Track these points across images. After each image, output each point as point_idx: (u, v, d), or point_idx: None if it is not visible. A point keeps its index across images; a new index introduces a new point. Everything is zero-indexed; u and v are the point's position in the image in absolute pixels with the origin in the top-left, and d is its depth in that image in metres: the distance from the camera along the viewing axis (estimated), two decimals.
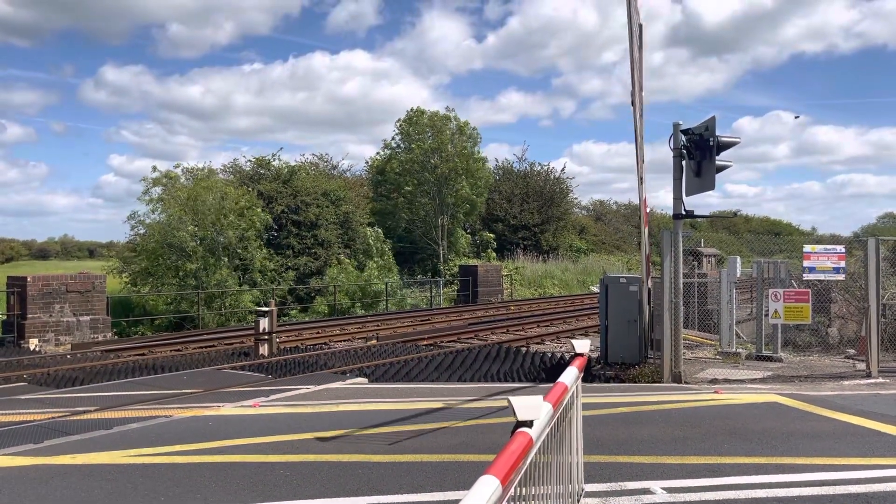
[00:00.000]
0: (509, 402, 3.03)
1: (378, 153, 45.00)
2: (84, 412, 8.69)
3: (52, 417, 8.43)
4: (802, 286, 12.49)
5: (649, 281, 12.57)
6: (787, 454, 6.50)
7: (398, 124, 41.15)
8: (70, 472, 6.08)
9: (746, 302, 20.89)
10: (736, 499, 5.24)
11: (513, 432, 2.91)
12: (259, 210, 29.49)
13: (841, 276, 12.17)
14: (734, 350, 13.23)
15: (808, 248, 11.91)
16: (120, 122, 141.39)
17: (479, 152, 41.24)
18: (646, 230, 12.17)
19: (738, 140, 10.79)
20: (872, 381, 10.92)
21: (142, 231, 28.91)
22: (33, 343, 16.80)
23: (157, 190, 28.88)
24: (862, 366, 11.72)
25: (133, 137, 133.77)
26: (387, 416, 8.32)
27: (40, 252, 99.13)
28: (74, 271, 19.83)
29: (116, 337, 19.96)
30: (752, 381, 10.97)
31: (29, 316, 17.05)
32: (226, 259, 27.29)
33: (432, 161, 39.08)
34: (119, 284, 29.14)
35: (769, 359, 12.66)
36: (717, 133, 10.45)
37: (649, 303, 12.67)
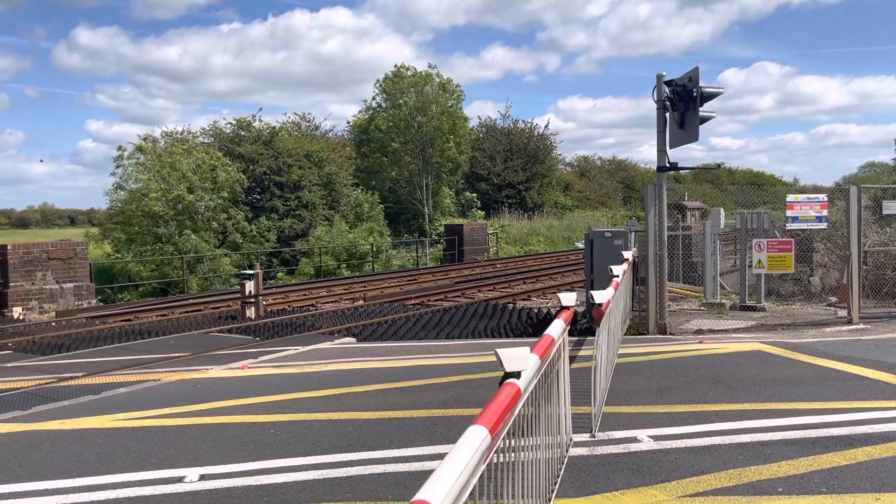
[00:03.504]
0: (496, 353, 3.03)
1: (361, 111, 44.45)
2: (71, 378, 8.66)
3: (40, 384, 8.40)
4: (785, 236, 12.58)
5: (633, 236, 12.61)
6: (771, 400, 6.61)
7: (379, 83, 40.54)
8: (60, 437, 6.08)
9: (730, 254, 21.07)
10: (721, 444, 5.34)
11: (500, 384, 2.92)
12: (224, 164, 28.92)
13: (823, 225, 12.27)
14: (718, 301, 13.38)
15: (791, 197, 11.96)
16: (96, 87, 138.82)
17: (461, 110, 40.84)
18: None
19: (721, 90, 10.72)
20: (853, 327, 11.09)
21: (122, 195, 28.64)
22: (17, 311, 16.67)
23: (132, 160, 28.50)
24: (843, 313, 11.89)
25: (110, 102, 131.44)
26: (375, 375, 8.36)
27: (20, 221, 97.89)
28: (56, 239, 19.60)
29: (101, 304, 19.85)
30: (736, 330, 11.11)
31: (11, 284, 16.88)
32: (193, 223, 26.94)
33: (417, 120, 38.65)
34: (101, 252, 28.90)
35: (753, 308, 12.82)
36: (701, 84, 10.37)
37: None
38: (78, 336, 13.01)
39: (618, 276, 7.71)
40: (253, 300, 14.80)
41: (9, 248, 17.15)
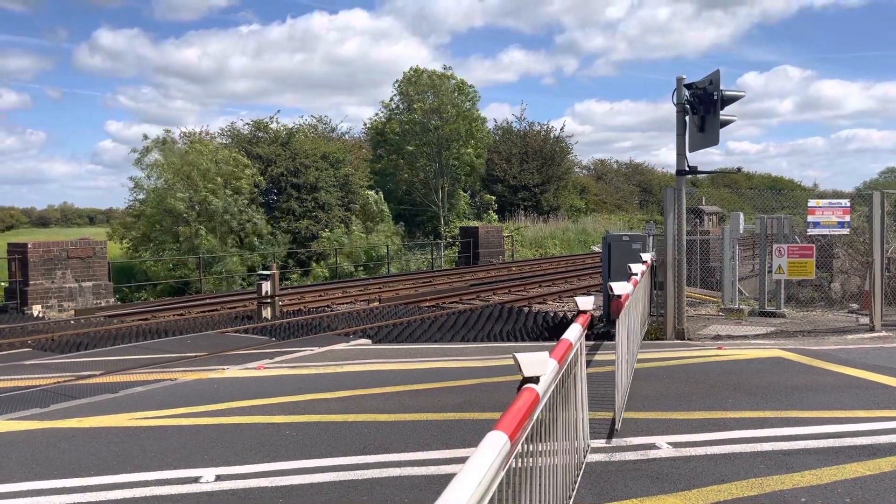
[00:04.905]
0: (515, 358, 2.99)
1: (377, 114, 44.57)
2: (89, 376, 8.72)
3: (58, 382, 8.46)
4: (805, 241, 12.42)
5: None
6: (792, 408, 6.51)
7: (396, 85, 40.62)
8: (77, 436, 6.11)
9: (748, 259, 20.86)
10: (741, 452, 5.26)
11: (519, 389, 2.88)
12: (247, 168, 29.11)
13: (846, 231, 12.09)
14: (737, 306, 13.23)
15: (812, 202, 11.80)
16: (116, 88, 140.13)
17: (477, 111, 40.80)
18: None
19: (742, 94, 10.60)
20: (876, 334, 10.92)
21: (141, 196, 28.90)
22: (36, 309, 16.84)
23: (153, 156, 28.78)
24: (865, 320, 11.72)
25: (130, 103, 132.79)
26: (391, 376, 8.34)
27: (40, 219, 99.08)
28: (75, 238, 19.79)
29: (119, 303, 20.01)
30: (756, 336, 10.98)
31: (31, 282, 17.05)
32: (211, 225, 27.15)
33: (433, 122, 38.67)
34: (120, 251, 29.18)
35: (772, 315, 12.67)
36: (722, 87, 10.27)
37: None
38: (96, 334, 13.11)
39: (637, 274, 7.64)
40: (269, 300, 14.84)
41: (29, 246, 17.33)
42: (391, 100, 41.50)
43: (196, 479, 4.92)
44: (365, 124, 49.84)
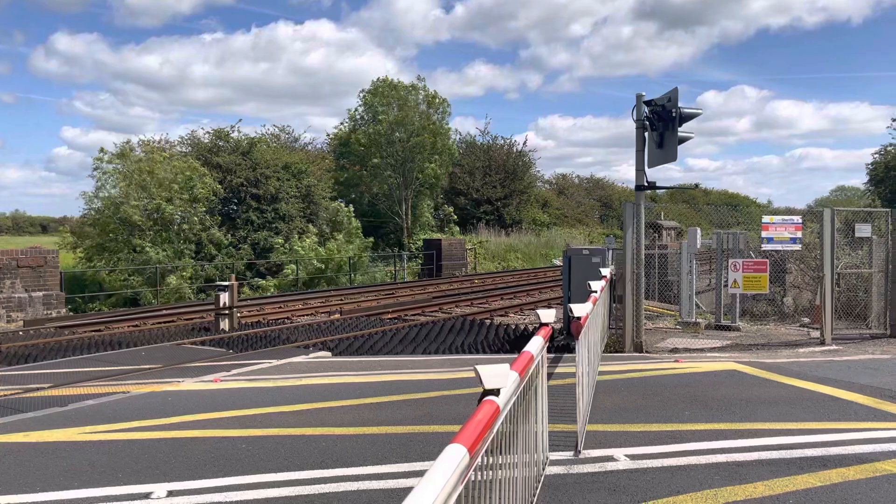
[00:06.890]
0: (476, 370, 2.98)
1: (342, 123, 44.38)
2: (38, 389, 8.44)
3: (5, 395, 8.17)
4: (760, 256, 12.71)
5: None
6: (746, 420, 6.63)
7: (362, 95, 40.48)
8: (24, 450, 5.90)
9: (705, 273, 21.26)
10: (697, 464, 5.32)
11: (479, 401, 2.87)
12: (205, 176, 28.68)
13: (798, 247, 12.41)
14: (694, 320, 13.45)
15: (766, 218, 12.10)
16: (73, 93, 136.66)
17: (447, 124, 40.95)
18: None
19: (700, 111, 10.85)
20: (826, 348, 11.21)
21: (98, 205, 28.22)
22: None
23: (110, 165, 28.20)
24: (816, 334, 12.02)
25: (87, 109, 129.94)
26: (351, 390, 8.26)
27: None
28: (26, 246, 19.21)
29: (71, 313, 19.46)
30: (712, 349, 11.17)
31: None
32: (167, 234, 26.64)
33: (398, 134, 38.62)
34: (73, 260, 28.40)
35: (727, 328, 12.92)
36: (680, 104, 10.49)
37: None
38: (46, 346, 12.71)
39: (596, 292, 7.72)
40: (227, 312, 14.59)
41: None
42: (356, 110, 41.39)
43: (147, 495, 4.78)
44: (328, 135, 49.62)
